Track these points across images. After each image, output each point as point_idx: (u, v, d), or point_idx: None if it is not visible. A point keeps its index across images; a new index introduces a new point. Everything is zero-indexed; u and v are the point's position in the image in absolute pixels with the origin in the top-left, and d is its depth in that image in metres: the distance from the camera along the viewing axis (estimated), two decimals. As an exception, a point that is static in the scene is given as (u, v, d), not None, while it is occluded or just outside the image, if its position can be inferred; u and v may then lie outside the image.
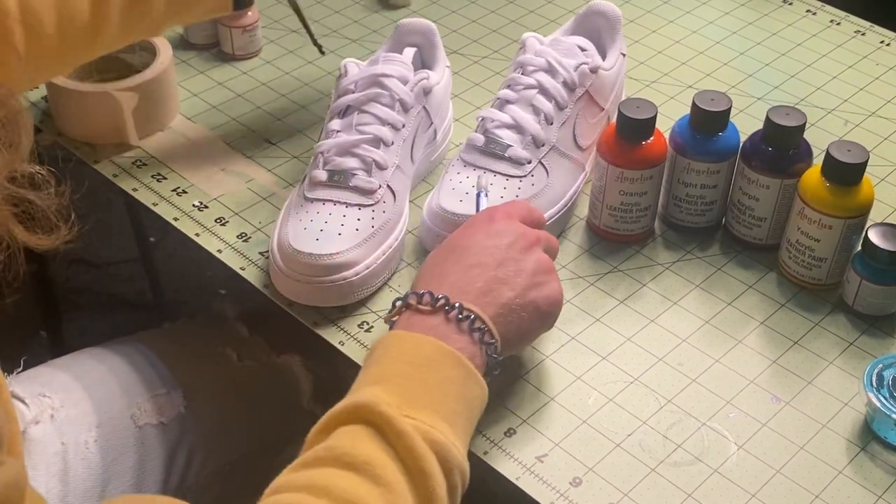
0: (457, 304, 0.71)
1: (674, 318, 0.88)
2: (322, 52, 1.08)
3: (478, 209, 0.86)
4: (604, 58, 0.99)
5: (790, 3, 1.27)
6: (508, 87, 0.95)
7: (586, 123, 0.96)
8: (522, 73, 0.94)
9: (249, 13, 1.14)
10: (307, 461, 0.63)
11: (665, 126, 0.91)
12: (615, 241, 0.94)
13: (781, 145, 0.88)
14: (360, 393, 0.66)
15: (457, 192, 0.89)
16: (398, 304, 0.74)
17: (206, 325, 1.04)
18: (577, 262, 0.93)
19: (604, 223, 0.94)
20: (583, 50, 0.96)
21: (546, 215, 0.90)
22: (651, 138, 0.89)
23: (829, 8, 1.26)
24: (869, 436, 0.79)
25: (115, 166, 1.01)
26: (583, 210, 0.98)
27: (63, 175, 0.68)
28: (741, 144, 0.91)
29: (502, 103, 0.94)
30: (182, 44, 1.17)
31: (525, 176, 0.91)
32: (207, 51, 1.17)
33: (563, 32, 1.02)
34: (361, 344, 0.84)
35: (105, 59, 1.03)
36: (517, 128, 0.92)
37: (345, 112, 0.91)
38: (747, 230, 0.93)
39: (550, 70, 0.94)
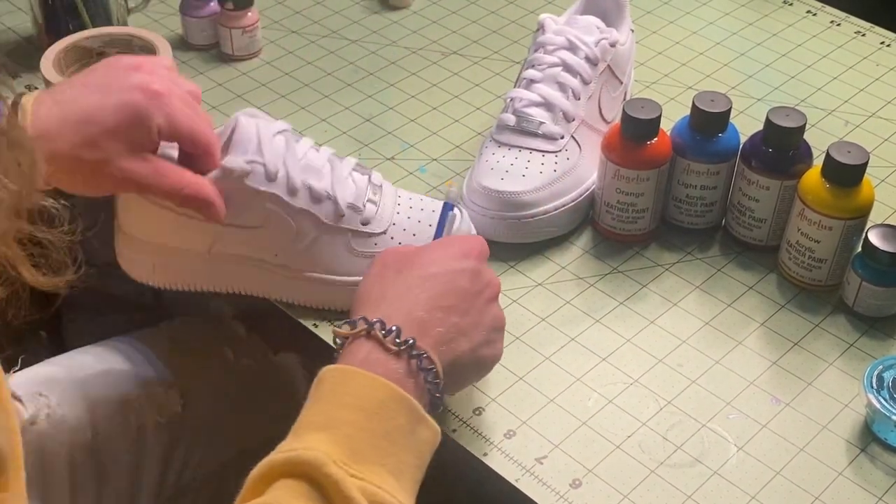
0: (424, 355, 0.68)
1: (674, 319, 0.88)
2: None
3: (441, 224, 0.83)
4: None
5: (790, 4, 1.27)
6: (532, 67, 0.97)
7: (609, 97, 0.98)
8: (544, 53, 0.97)
9: (249, 14, 1.14)
10: None
11: (665, 127, 0.91)
12: (615, 240, 0.94)
13: (781, 146, 0.88)
14: (306, 442, 0.62)
15: (496, 170, 0.91)
16: (360, 323, 0.69)
17: (202, 323, 1.04)
18: (577, 263, 0.93)
19: (603, 221, 0.94)
20: (598, 28, 0.98)
21: (583, 188, 0.94)
22: (655, 139, 0.89)
23: (829, 9, 1.26)
24: (869, 437, 0.79)
25: (115, 167, 1.01)
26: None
27: (75, 210, 0.65)
28: (741, 145, 0.91)
29: (528, 83, 0.96)
30: (182, 44, 1.17)
31: (560, 151, 0.93)
32: (207, 51, 1.17)
33: (572, 14, 1.04)
34: (361, 345, 0.84)
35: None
36: (546, 105, 0.94)
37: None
38: (747, 231, 0.93)
39: (572, 47, 0.96)
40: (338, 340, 0.71)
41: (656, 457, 0.77)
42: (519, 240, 0.92)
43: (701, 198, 0.92)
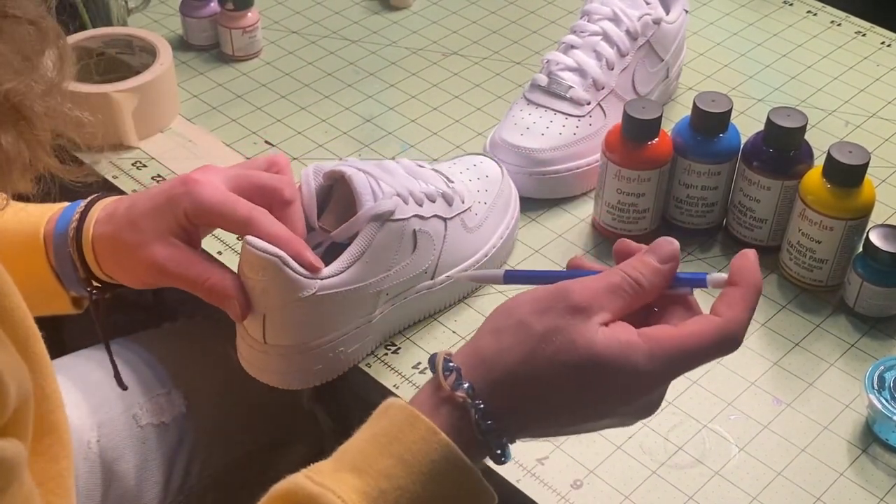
0: (505, 441, 0.59)
1: (675, 319, 0.88)
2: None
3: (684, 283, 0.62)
4: (667, 12, 1.05)
5: (791, 4, 1.27)
6: (574, 32, 1.01)
7: (646, 72, 1.02)
8: (588, 21, 1.01)
9: (249, 14, 1.14)
10: None
11: (665, 128, 0.91)
12: (614, 240, 0.94)
13: (782, 147, 0.88)
14: (338, 481, 0.57)
15: (518, 126, 0.97)
16: (462, 393, 0.58)
17: (205, 324, 1.04)
18: (577, 264, 0.92)
19: (603, 221, 0.94)
20: (647, 3, 1.02)
21: (600, 154, 0.96)
22: (656, 139, 0.89)
23: (829, 9, 1.26)
24: (870, 438, 0.79)
25: (115, 168, 1.01)
26: (586, 211, 0.98)
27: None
28: (742, 146, 0.91)
29: (567, 47, 1.01)
30: (182, 45, 1.17)
31: (584, 116, 0.97)
32: (207, 52, 1.17)
33: None
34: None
35: (105, 61, 1.03)
36: (580, 71, 0.99)
37: None
38: (748, 231, 0.93)
39: (615, 19, 1.00)
40: (435, 365, 0.60)
41: (657, 457, 0.77)
42: (533, 194, 0.97)
43: (702, 198, 0.92)
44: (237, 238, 0.93)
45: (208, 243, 0.93)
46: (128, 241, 0.76)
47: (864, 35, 1.22)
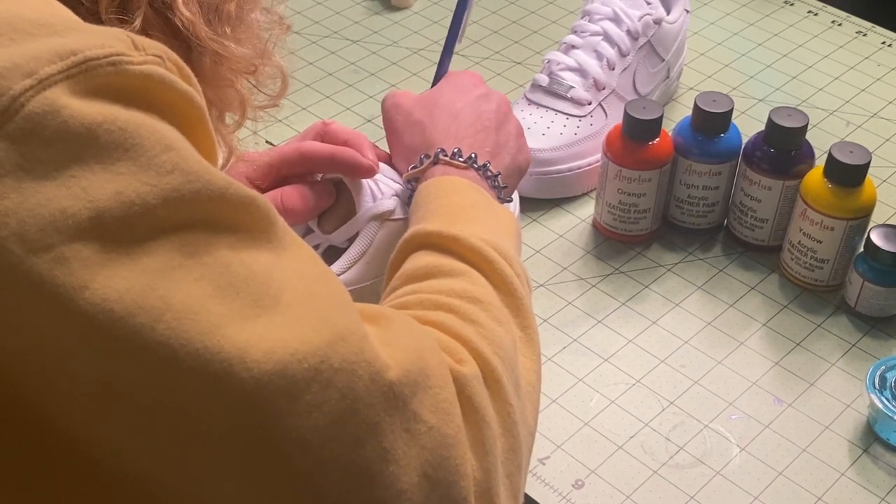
0: (486, 165, 0.76)
1: (675, 319, 0.88)
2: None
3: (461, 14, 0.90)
4: (668, 12, 1.05)
5: (791, 4, 1.27)
6: (574, 32, 1.01)
7: (647, 72, 1.02)
8: (589, 21, 1.01)
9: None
10: (410, 293, 0.64)
11: (667, 128, 0.91)
12: (616, 241, 0.94)
13: (783, 146, 0.88)
14: (460, 231, 0.68)
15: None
16: (425, 160, 0.76)
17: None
18: (579, 264, 0.93)
19: (604, 221, 0.94)
20: (648, 3, 1.02)
21: (601, 154, 0.96)
22: (657, 139, 0.89)
23: (830, 9, 1.26)
24: (871, 437, 0.79)
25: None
26: (586, 211, 0.98)
27: None
28: (743, 146, 0.91)
29: (568, 48, 1.01)
30: (183, 45, 1.17)
31: (585, 116, 0.97)
32: (208, 52, 1.17)
33: None
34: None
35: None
36: (580, 71, 0.99)
37: None
38: (749, 231, 0.93)
39: (616, 19, 1.00)
40: (412, 183, 0.77)
41: (659, 457, 0.77)
42: (534, 194, 0.97)
43: (703, 198, 0.92)
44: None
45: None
46: None
47: (864, 35, 1.22)
